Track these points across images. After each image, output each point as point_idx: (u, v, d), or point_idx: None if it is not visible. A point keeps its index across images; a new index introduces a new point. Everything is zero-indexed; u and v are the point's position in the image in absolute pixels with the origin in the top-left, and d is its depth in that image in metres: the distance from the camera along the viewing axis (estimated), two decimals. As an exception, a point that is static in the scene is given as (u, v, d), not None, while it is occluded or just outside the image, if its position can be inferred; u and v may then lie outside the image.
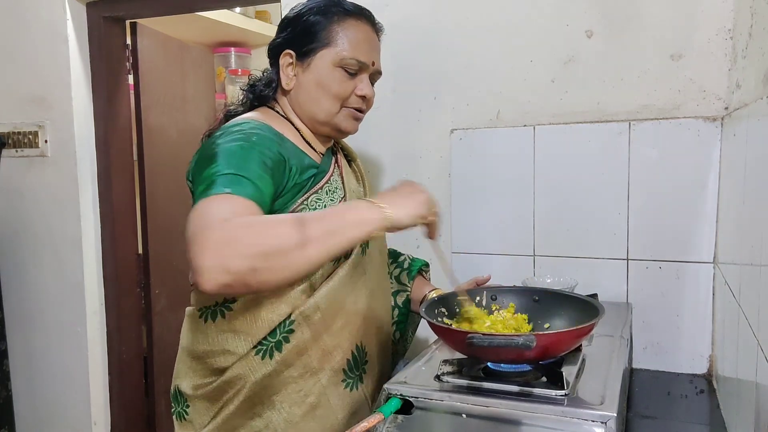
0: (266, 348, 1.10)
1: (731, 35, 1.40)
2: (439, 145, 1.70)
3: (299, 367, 1.12)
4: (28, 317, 2.29)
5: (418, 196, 1.02)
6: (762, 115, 0.90)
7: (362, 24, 1.21)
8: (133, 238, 2.39)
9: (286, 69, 1.20)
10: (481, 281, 1.39)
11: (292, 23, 1.21)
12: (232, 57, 3.10)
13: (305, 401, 1.13)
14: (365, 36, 1.21)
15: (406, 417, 0.98)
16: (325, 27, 1.17)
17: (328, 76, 1.17)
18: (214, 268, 0.84)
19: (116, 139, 2.28)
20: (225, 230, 0.87)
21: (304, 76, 1.19)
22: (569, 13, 1.54)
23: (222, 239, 0.86)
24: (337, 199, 1.17)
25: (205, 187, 0.96)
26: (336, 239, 0.92)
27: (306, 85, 1.19)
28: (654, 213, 1.48)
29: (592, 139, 1.53)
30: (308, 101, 1.19)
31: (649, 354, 1.51)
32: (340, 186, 1.21)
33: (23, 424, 2.32)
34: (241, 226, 0.89)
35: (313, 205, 1.12)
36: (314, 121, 1.20)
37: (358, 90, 1.19)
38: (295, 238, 0.89)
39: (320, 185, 1.15)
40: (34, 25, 2.17)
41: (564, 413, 0.90)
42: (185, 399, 1.18)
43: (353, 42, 1.18)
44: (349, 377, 1.18)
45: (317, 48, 1.17)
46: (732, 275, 1.18)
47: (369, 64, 1.20)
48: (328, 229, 0.92)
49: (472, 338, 0.94)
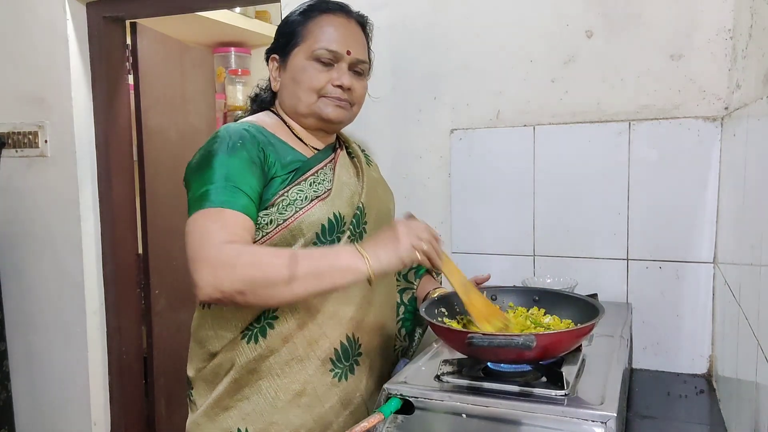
0: (252, 333, 1.16)
1: (731, 35, 1.40)
2: (439, 145, 1.70)
3: (285, 354, 1.16)
4: (28, 317, 2.29)
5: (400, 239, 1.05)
6: (762, 115, 0.90)
7: (336, 17, 1.25)
8: (133, 238, 2.39)
9: (273, 73, 1.28)
10: (481, 280, 1.39)
11: (279, 29, 1.29)
12: (232, 57, 3.10)
13: (290, 388, 1.16)
14: (340, 26, 1.24)
15: (406, 417, 0.98)
16: (302, 26, 1.24)
17: (303, 69, 1.22)
18: (209, 286, 0.99)
19: (116, 139, 2.28)
20: (222, 254, 1.01)
21: (284, 76, 1.26)
22: (569, 13, 1.54)
23: (218, 262, 1.00)
24: (322, 191, 1.19)
25: (199, 197, 1.07)
26: (320, 282, 1.03)
27: (285, 83, 1.26)
28: (654, 213, 1.48)
29: (592, 139, 1.53)
30: (289, 97, 1.25)
31: (649, 354, 1.51)
32: (329, 179, 1.23)
33: (23, 424, 2.32)
34: (238, 254, 1.01)
35: (294, 196, 1.16)
36: (298, 115, 1.26)
37: (335, 80, 1.22)
38: (283, 274, 1.00)
39: (304, 177, 1.19)
40: (34, 25, 2.17)
41: (564, 413, 0.90)
42: (190, 382, 1.26)
43: (326, 33, 1.22)
44: (337, 367, 1.19)
45: (294, 46, 1.24)
46: (732, 275, 1.18)
47: (343, 53, 1.23)
48: (315, 271, 1.02)
49: (472, 338, 0.94)
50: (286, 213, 1.15)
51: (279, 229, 1.14)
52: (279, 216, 1.14)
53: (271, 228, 1.14)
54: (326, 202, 1.18)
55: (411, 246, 1.05)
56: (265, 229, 1.14)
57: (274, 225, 1.14)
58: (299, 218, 1.15)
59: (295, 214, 1.15)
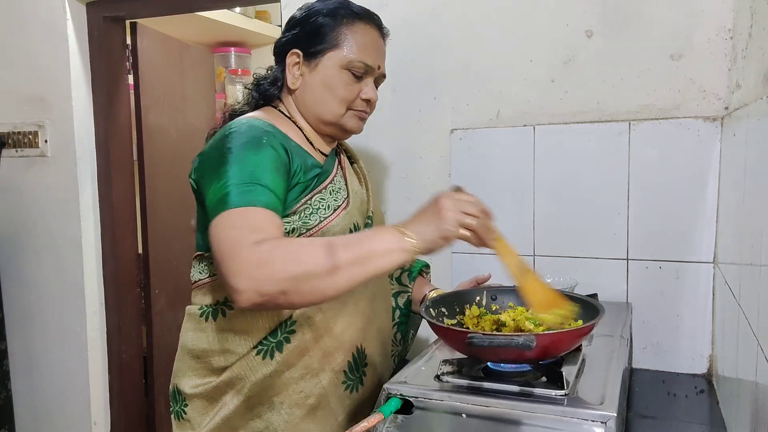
0: (267, 348, 1.10)
1: (731, 35, 1.40)
2: (439, 145, 1.70)
3: (300, 367, 1.12)
4: (28, 317, 2.29)
5: (444, 214, 0.95)
6: (762, 115, 0.90)
7: (370, 28, 1.22)
8: (133, 238, 2.39)
9: (293, 68, 1.20)
10: (482, 280, 1.39)
11: (300, 23, 1.21)
12: (231, 57, 3.09)
13: (306, 402, 1.12)
14: (372, 40, 1.21)
15: (406, 417, 0.98)
16: (333, 29, 1.18)
17: (335, 77, 1.17)
18: (249, 290, 0.89)
19: (116, 139, 2.28)
20: (257, 253, 0.91)
21: (311, 77, 1.19)
22: (569, 13, 1.54)
23: (255, 262, 0.90)
24: (341, 200, 1.16)
25: (222, 198, 0.98)
26: (364, 269, 0.93)
27: (312, 86, 1.19)
28: (654, 213, 1.48)
29: (592, 139, 1.52)
30: (314, 102, 1.19)
31: (649, 354, 1.51)
32: (343, 187, 1.21)
33: (23, 424, 2.32)
34: (273, 250, 0.92)
35: (317, 204, 1.12)
36: (320, 122, 1.20)
37: (363, 93, 1.20)
38: (325, 265, 0.90)
39: (324, 185, 1.15)
40: (34, 25, 2.17)
41: (564, 413, 0.90)
42: (184, 398, 1.18)
43: (361, 45, 1.18)
44: (349, 379, 1.17)
45: (325, 49, 1.17)
46: (732, 275, 1.18)
47: (375, 68, 1.21)
48: (356, 258, 0.92)
49: (472, 338, 0.94)
50: (310, 222, 1.10)
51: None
52: (302, 225, 1.09)
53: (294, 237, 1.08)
54: (347, 211, 1.15)
55: (456, 221, 0.95)
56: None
57: (296, 234, 1.09)
58: (324, 228, 1.10)
59: (320, 224, 1.10)
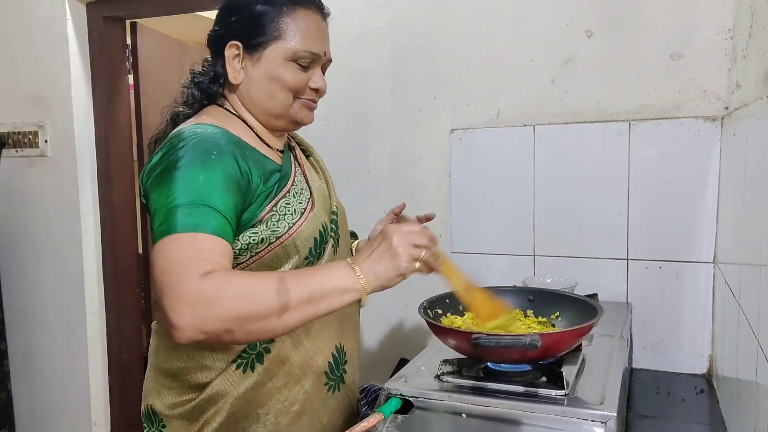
0: (247, 361, 1.07)
1: (731, 35, 1.40)
2: (439, 145, 1.70)
3: (282, 376, 1.09)
4: (28, 317, 2.29)
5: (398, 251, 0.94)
6: (762, 115, 0.90)
7: (311, 12, 1.14)
8: (133, 238, 2.39)
9: (233, 61, 1.12)
10: (397, 210, 1.33)
11: (235, 12, 1.12)
12: (232, 57, 3.09)
13: (290, 410, 1.10)
14: (316, 25, 1.14)
15: (406, 417, 0.98)
16: (273, 18, 1.10)
17: (280, 69, 1.10)
18: (190, 327, 0.84)
19: (116, 139, 2.28)
20: (203, 288, 0.85)
21: (254, 70, 1.11)
22: (569, 12, 1.54)
23: (200, 299, 0.85)
24: (306, 201, 1.12)
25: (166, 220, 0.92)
26: (315, 308, 0.91)
27: (257, 79, 1.11)
28: (654, 213, 1.48)
29: (592, 139, 1.53)
30: (261, 95, 1.12)
31: (649, 354, 1.51)
32: (305, 186, 1.16)
33: (23, 424, 2.32)
34: (221, 286, 0.86)
35: (283, 210, 1.07)
36: (269, 116, 1.14)
37: (312, 83, 1.14)
38: (275, 305, 0.88)
39: (287, 188, 1.11)
40: (34, 25, 2.17)
41: (564, 413, 0.90)
42: (160, 419, 1.12)
43: (304, 33, 1.11)
44: (330, 379, 1.15)
45: (267, 41, 1.10)
46: (732, 275, 1.18)
47: (321, 55, 1.14)
48: (308, 297, 0.90)
49: (478, 338, 0.93)
50: (279, 229, 1.05)
51: (272, 248, 1.04)
52: (272, 234, 1.04)
53: (263, 247, 1.04)
54: (314, 213, 1.11)
55: (410, 257, 0.94)
56: (255, 249, 1.03)
57: (266, 244, 1.04)
58: (294, 234, 1.06)
59: (289, 230, 1.06)
